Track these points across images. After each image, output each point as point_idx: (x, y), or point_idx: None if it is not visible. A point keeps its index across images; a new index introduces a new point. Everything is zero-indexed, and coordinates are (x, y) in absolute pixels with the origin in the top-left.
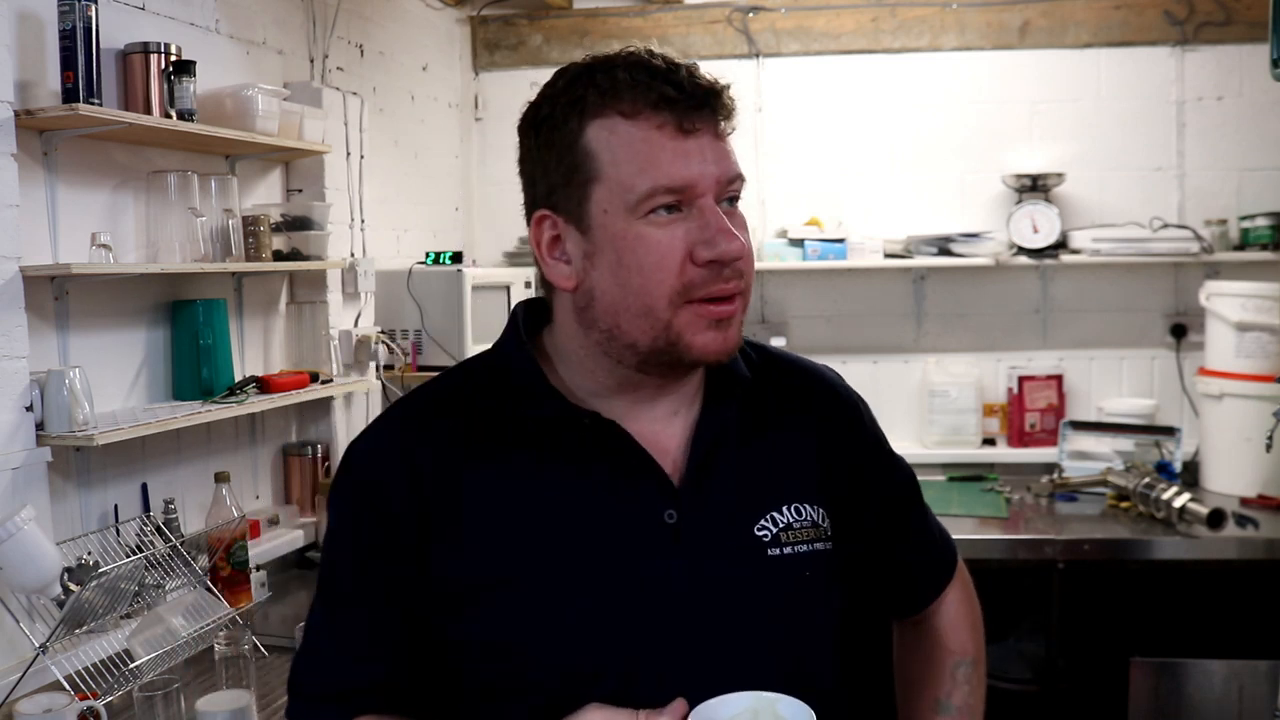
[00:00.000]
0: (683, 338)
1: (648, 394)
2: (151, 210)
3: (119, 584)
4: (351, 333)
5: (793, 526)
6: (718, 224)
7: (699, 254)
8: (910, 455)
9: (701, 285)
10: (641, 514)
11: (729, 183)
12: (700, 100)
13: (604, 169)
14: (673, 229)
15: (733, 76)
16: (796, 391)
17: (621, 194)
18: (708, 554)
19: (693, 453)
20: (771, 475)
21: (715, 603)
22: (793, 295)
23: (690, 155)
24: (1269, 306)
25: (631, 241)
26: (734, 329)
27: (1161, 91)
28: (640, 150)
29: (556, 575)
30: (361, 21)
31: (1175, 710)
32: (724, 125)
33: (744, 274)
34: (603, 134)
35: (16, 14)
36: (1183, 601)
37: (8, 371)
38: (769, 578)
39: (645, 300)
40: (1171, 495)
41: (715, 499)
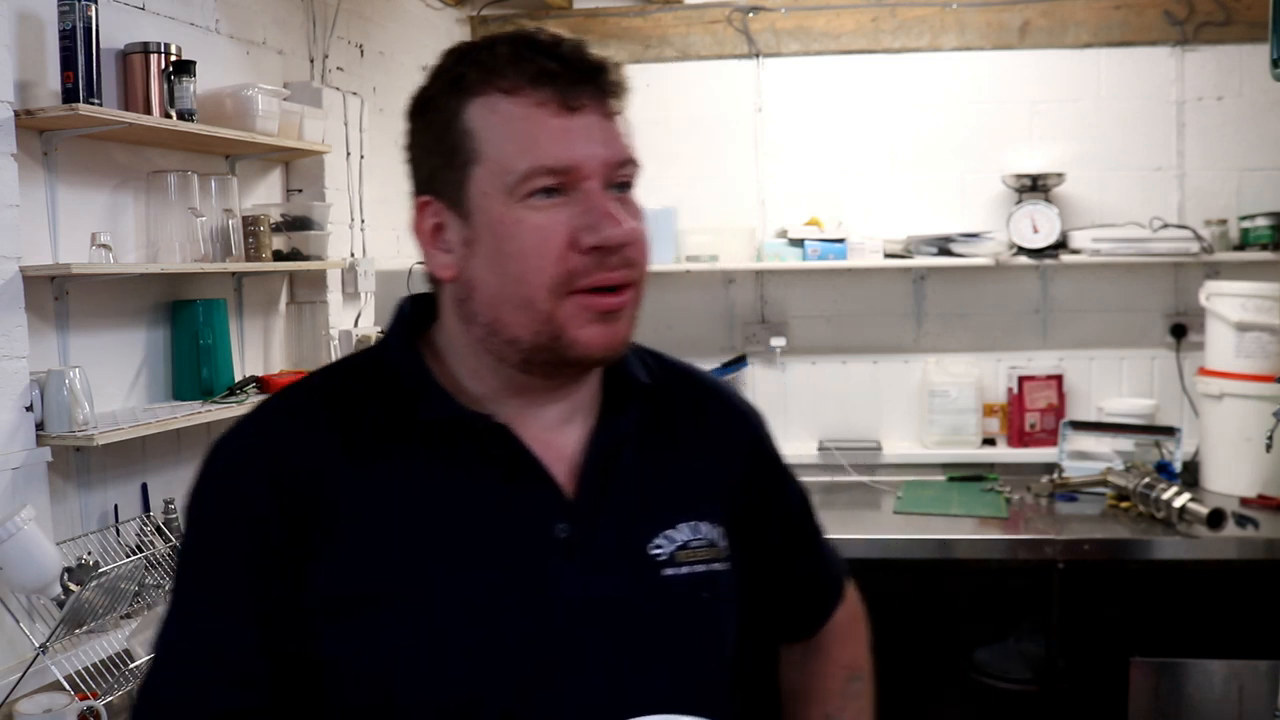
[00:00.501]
0: (566, 332)
1: (538, 397)
2: (151, 210)
3: (119, 584)
4: (352, 333)
5: (689, 545)
6: (602, 208)
7: (582, 240)
8: (910, 455)
9: (585, 273)
10: (532, 527)
11: (618, 166)
12: (584, 75)
13: (483, 149)
14: (554, 213)
15: (733, 76)
16: (695, 404)
17: (501, 175)
18: (600, 572)
19: (588, 463)
20: (669, 491)
21: (608, 624)
22: (793, 295)
23: (574, 135)
24: (1269, 306)
25: (510, 226)
26: (623, 323)
27: (1161, 91)
28: (520, 129)
29: (438, 591)
30: (361, 21)
31: (1175, 710)
32: (613, 104)
33: (634, 263)
34: (482, 113)
35: (16, 14)
36: (1183, 601)
37: (8, 371)
38: (664, 599)
39: (524, 290)
40: (1171, 495)
41: (610, 514)
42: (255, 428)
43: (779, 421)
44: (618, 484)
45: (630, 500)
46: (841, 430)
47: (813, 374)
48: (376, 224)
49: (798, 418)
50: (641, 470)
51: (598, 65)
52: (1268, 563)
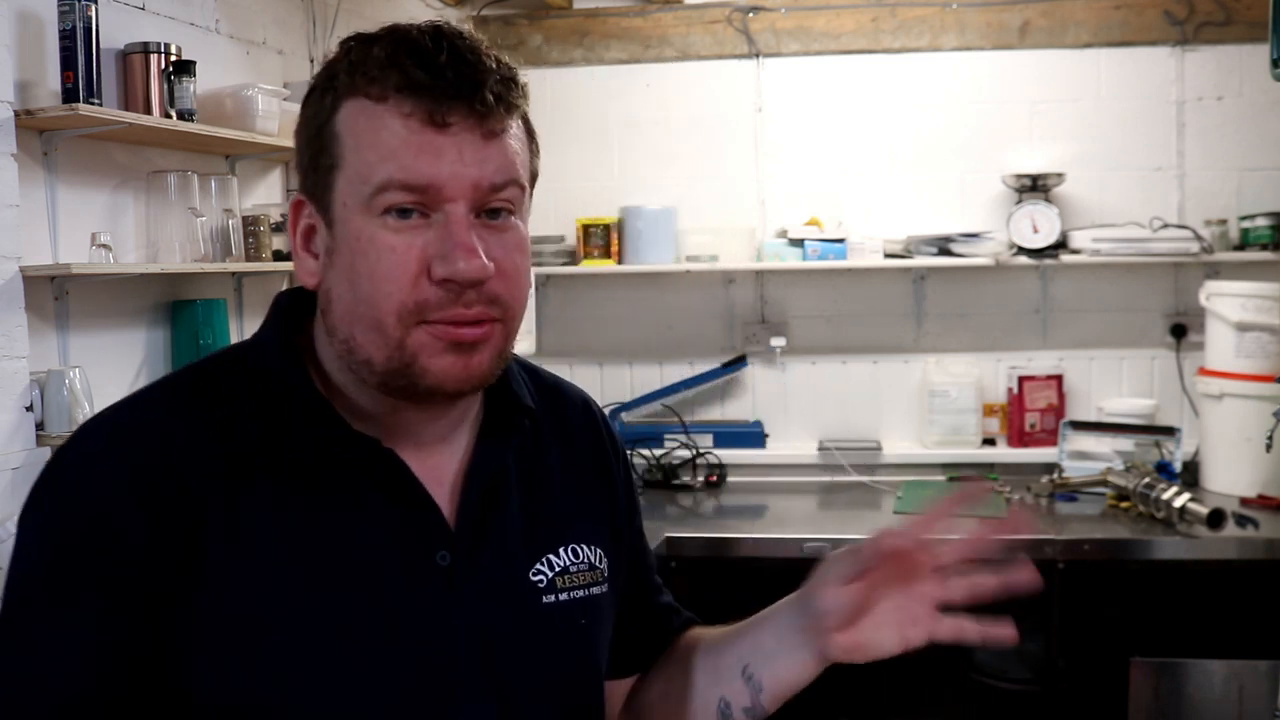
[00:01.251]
0: (417, 360)
1: (411, 417)
2: (151, 210)
3: None
4: None
5: (569, 570)
6: (459, 238)
7: (435, 269)
8: (910, 455)
9: (437, 307)
10: (413, 555)
11: (491, 190)
12: (458, 90)
13: (346, 156)
14: (410, 236)
15: (733, 76)
16: (567, 421)
17: (359, 185)
18: (482, 601)
19: (468, 489)
20: (548, 514)
21: (490, 654)
22: (793, 295)
23: (441, 152)
24: (1269, 306)
25: (365, 244)
26: (482, 356)
27: (1161, 91)
28: (382, 139)
29: (315, 618)
30: (361, 22)
31: (1175, 710)
32: (494, 123)
33: (498, 300)
34: (349, 118)
35: (16, 14)
36: (1183, 601)
37: (8, 371)
38: (543, 627)
39: (375, 313)
40: (1171, 495)
41: (492, 541)
42: (118, 430)
43: (779, 421)
44: (500, 509)
45: (511, 526)
46: (841, 430)
47: (813, 374)
48: None
49: (798, 418)
50: (522, 494)
51: (477, 80)
52: (1268, 563)
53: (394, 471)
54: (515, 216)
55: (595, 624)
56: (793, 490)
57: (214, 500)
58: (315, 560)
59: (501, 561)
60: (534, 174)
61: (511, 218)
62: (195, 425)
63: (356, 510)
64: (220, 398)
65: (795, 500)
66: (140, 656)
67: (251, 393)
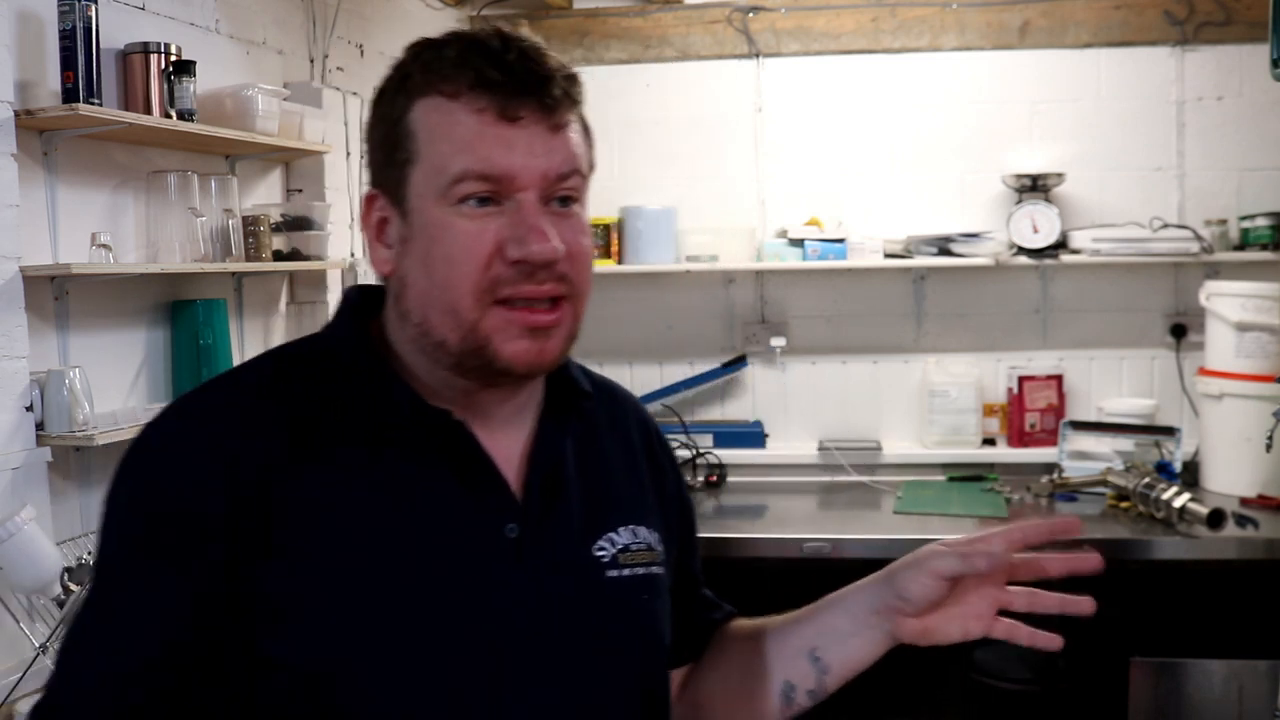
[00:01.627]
0: (491, 342)
1: (479, 399)
2: (151, 210)
3: None
4: None
5: (630, 548)
6: (531, 221)
7: (509, 251)
8: (910, 455)
9: (510, 283)
10: (483, 526)
11: (559, 180)
12: (528, 86)
13: (421, 150)
14: (484, 222)
15: (733, 76)
16: (619, 415)
17: (435, 177)
18: (549, 572)
19: (534, 466)
20: (609, 495)
21: (556, 623)
22: (793, 295)
23: (512, 144)
24: (1269, 306)
25: (440, 230)
26: (554, 340)
27: (1161, 91)
28: (456, 134)
29: (386, 587)
30: (361, 21)
31: (1175, 710)
32: (559, 116)
33: (567, 279)
34: (424, 114)
35: (16, 14)
36: (1183, 601)
37: (8, 371)
38: (608, 600)
39: (450, 296)
40: (1171, 495)
41: (556, 515)
42: (199, 411)
43: (779, 421)
44: (562, 486)
45: (574, 503)
46: (841, 430)
47: (813, 374)
48: None
49: (798, 418)
50: (583, 474)
51: (544, 76)
52: (1268, 563)
53: (464, 445)
54: (578, 204)
55: (657, 600)
56: (793, 490)
57: (289, 475)
58: (386, 531)
59: (566, 536)
60: (592, 165)
61: (575, 205)
62: (270, 406)
63: (427, 483)
64: (295, 379)
65: (795, 500)
66: (219, 623)
67: (325, 374)
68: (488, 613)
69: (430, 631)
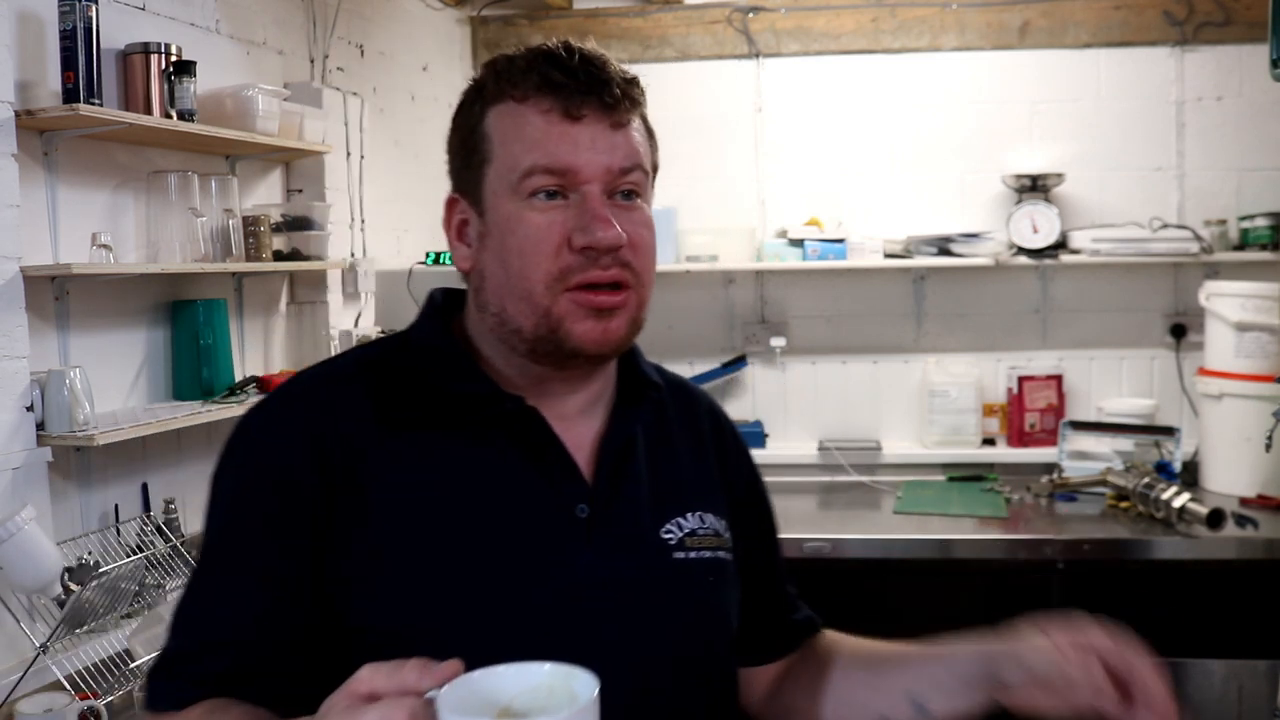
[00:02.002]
0: (563, 325)
1: (555, 388)
2: (152, 210)
3: (119, 584)
4: (352, 333)
5: (697, 533)
6: (595, 211)
7: (575, 240)
8: (910, 455)
9: (578, 270)
10: (555, 506)
11: (621, 174)
12: (589, 87)
13: (495, 150)
14: (552, 214)
15: (733, 76)
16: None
17: (507, 174)
18: (617, 552)
19: (605, 451)
20: (677, 482)
21: (621, 601)
22: (793, 295)
23: (576, 141)
24: (1268, 306)
25: (514, 223)
26: (618, 321)
27: (1161, 91)
28: (525, 133)
29: (460, 559)
30: (362, 21)
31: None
32: (620, 115)
33: (631, 265)
34: (496, 119)
35: (17, 14)
36: (1182, 601)
37: (8, 371)
38: (674, 580)
39: (524, 283)
40: (1171, 495)
41: (625, 498)
42: (294, 395)
43: (779, 421)
44: (632, 471)
45: (643, 487)
46: (841, 430)
47: (813, 374)
48: (376, 224)
49: (798, 418)
50: (652, 460)
51: (604, 79)
52: (1267, 563)
53: (537, 428)
54: (641, 199)
55: (722, 584)
56: (793, 490)
57: (373, 453)
58: (462, 508)
59: (634, 518)
60: (654, 165)
61: (637, 199)
62: (358, 390)
63: (502, 465)
64: (381, 367)
65: (795, 500)
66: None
67: (409, 363)
68: (556, 588)
69: (501, 602)
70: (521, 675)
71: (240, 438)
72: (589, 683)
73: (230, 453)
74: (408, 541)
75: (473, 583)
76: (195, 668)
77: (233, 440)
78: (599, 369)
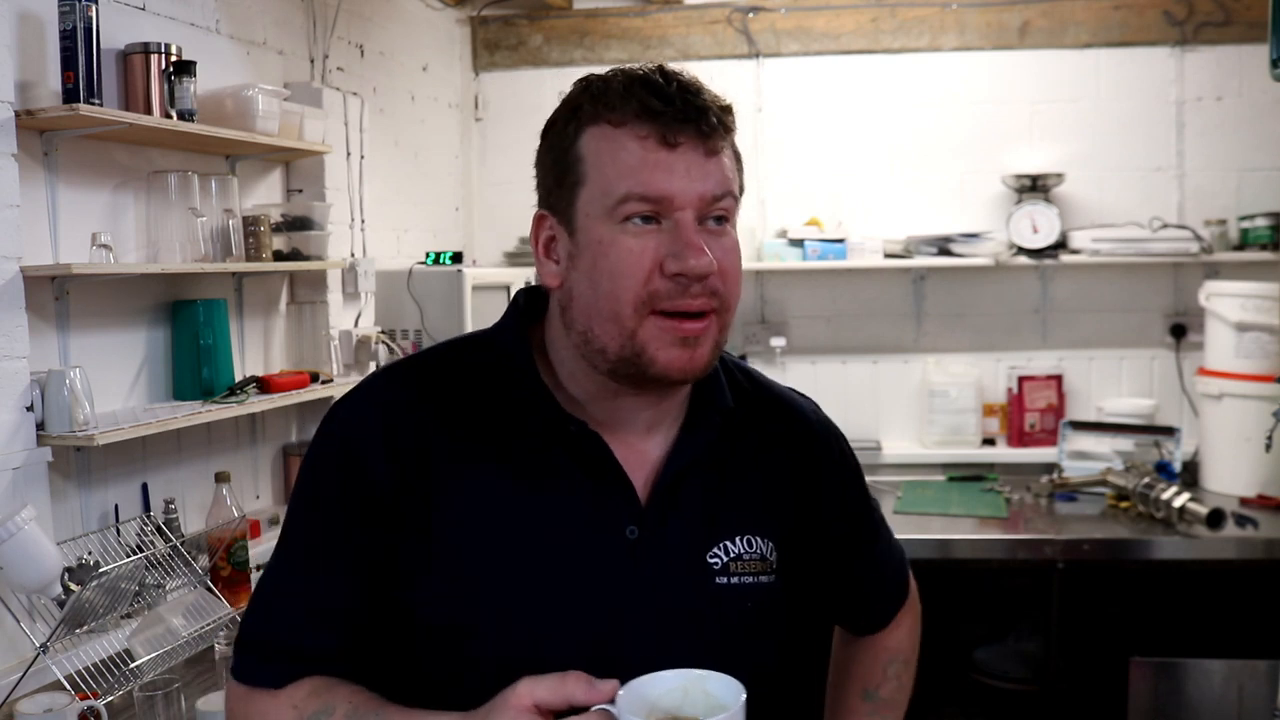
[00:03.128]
0: (647, 350)
1: (628, 404)
2: (152, 210)
3: (119, 584)
4: (352, 333)
5: (742, 558)
6: (688, 239)
7: (667, 266)
8: (910, 455)
9: (667, 297)
10: (606, 526)
11: (714, 201)
12: (686, 115)
13: (589, 173)
14: (646, 239)
15: (733, 76)
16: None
17: (601, 198)
18: (661, 574)
19: (663, 473)
20: (732, 505)
21: (660, 621)
22: (793, 295)
23: (672, 169)
24: (1268, 306)
25: (607, 246)
26: (703, 349)
27: (1161, 92)
28: (621, 158)
29: (513, 566)
30: (362, 22)
31: (1175, 710)
32: (714, 143)
33: (718, 294)
34: (593, 141)
35: (17, 14)
36: (1182, 601)
37: (8, 371)
38: (713, 605)
39: (613, 305)
40: (1171, 495)
41: (676, 522)
42: (375, 394)
43: None
44: (687, 495)
45: (696, 511)
46: (841, 430)
47: (813, 374)
48: (376, 224)
49: None
50: (711, 484)
51: (701, 107)
52: (1267, 563)
53: (597, 450)
54: (730, 224)
55: (760, 609)
56: None
57: (443, 455)
58: (520, 518)
59: (684, 541)
60: (742, 187)
61: (727, 224)
62: (436, 394)
63: (560, 480)
64: (459, 373)
65: None
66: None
67: (486, 373)
68: (600, 605)
69: (546, 611)
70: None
71: (327, 425)
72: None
73: (315, 442)
74: (464, 544)
75: (520, 587)
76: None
77: (322, 426)
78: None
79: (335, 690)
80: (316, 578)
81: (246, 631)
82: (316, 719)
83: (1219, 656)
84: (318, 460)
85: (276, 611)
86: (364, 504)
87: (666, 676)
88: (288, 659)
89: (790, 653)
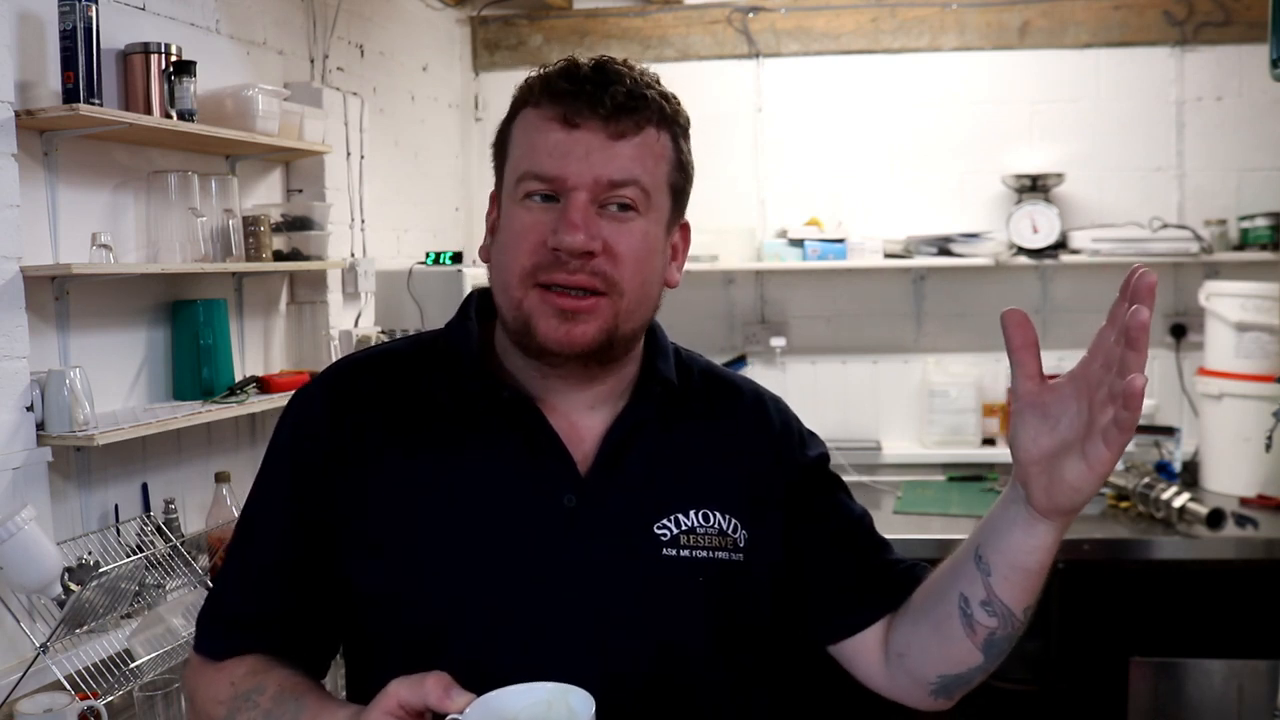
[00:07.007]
0: (531, 320)
1: (557, 385)
2: (152, 210)
3: (119, 584)
4: (352, 333)
5: (696, 530)
6: (568, 216)
7: (549, 240)
8: (910, 455)
9: (547, 268)
10: (542, 494)
11: (611, 186)
12: (591, 98)
13: (510, 153)
14: (540, 215)
15: (733, 76)
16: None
17: (512, 175)
18: (599, 542)
19: (603, 444)
20: (685, 478)
21: (596, 588)
22: (793, 295)
23: (569, 150)
24: (1268, 306)
25: (509, 220)
26: (585, 326)
27: (1161, 92)
28: (529, 136)
29: (448, 538)
30: (361, 22)
31: (1175, 710)
32: (619, 127)
33: (606, 276)
34: (518, 125)
35: (17, 14)
36: (1182, 601)
37: (8, 371)
38: (658, 575)
39: (505, 275)
40: (1171, 495)
41: (619, 492)
42: (325, 377)
43: None
44: (631, 466)
45: (642, 482)
46: (841, 430)
47: (813, 374)
48: (376, 224)
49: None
50: (659, 456)
51: (610, 91)
52: (1267, 563)
53: (531, 419)
54: (637, 213)
55: (714, 585)
56: None
57: (388, 429)
58: (455, 488)
59: (626, 511)
60: (673, 186)
61: (632, 213)
62: (384, 375)
63: (499, 451)
64: (407, 358)
65: None
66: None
67: (431, 356)
68: (536, 572)
69: (478, 578)
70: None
71: (283, 415)
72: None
73: (279, 420)
74: (401, 515)
75: (455, 561)
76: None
77: (281, 417)
78: (600, 370)
79: (270, 672)
80: (254, 541)
81: (204, 605)
82: (249, 696)
83: (1219, 656)
84: (270, 445)
85: (224, 581)
86: (304, 470)
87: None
88: (235, 628)
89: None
